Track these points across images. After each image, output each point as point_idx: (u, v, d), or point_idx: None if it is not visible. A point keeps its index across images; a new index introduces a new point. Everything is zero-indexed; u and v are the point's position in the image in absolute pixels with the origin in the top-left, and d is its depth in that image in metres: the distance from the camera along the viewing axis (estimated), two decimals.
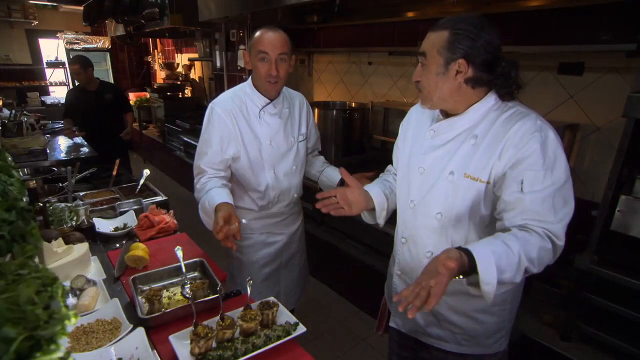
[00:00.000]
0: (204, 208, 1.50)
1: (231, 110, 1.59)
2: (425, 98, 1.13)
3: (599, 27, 1.84)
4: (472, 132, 1.10)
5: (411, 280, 1.27)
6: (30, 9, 5.88)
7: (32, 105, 5.94)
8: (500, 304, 1.21)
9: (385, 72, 3.09)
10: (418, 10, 2.48)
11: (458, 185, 1.10)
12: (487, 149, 1.06)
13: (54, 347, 0.48)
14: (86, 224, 1.70)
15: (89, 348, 1.04)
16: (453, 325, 1.24)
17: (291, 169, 1.73)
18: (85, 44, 6.14)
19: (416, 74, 1.12)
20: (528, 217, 0.99)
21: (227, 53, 3.77)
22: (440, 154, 1.16)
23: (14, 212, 0.70)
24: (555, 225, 0.98)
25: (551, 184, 0.98)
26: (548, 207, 0.98)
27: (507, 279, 0.94)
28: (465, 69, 1.03)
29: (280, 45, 1.49)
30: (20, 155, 2.99)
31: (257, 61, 1.51)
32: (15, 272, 0.57)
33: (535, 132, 1.00)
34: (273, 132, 1.65)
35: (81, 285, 1.28)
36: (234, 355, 1.00)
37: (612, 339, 1.66)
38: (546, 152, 0.99)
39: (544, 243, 0.97)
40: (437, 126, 1.18)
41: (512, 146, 1.01)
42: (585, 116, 2.00)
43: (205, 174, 1.60)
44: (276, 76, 1.52)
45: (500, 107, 1.09)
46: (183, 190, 5.17)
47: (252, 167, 1.64)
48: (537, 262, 0.97)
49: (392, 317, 1.41)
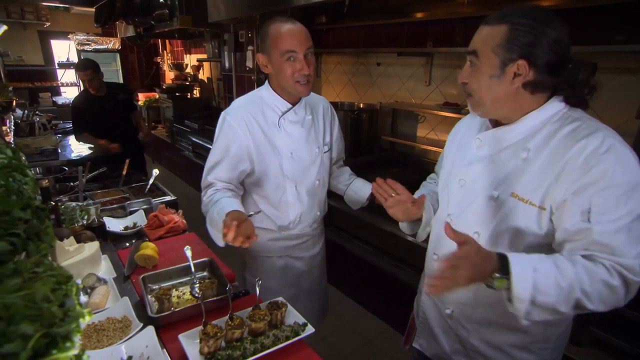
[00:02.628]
0: (212, 220, 1.32)
1: (245, 119, 1.40)
2: (475, 104, 0.99)
3: (612, 27, 1.82)
4: (526, 145, 0.95)
5: (439, 300, 1.17)
6: (43, 10, 5.97)
7: (44, 106, 6.03)
8: (542, 341, 1.06)
9: (393, 72, 3.08)
10: (427, 11, 2.47)
11: (502, 205, 0.97)
12: (542, 168, 0.91)
13: (69, 345, 0.49)
14: (97, 223, 1.72)
15: (100, 346, 1.05)
16: (482, 357, 1.11)
17: (314, 184, 1.53)
18: (95, 45, 6.21)
19: (463, 74, 0.99)
20: (596, 249, 0.84)
21: (235, 54, 3.79)
22: (485, 167, 1.03)
23: (29, 211, 0.71)
24: (631, 260, 0.82)
25: (627, 213, 0.82)
26: (623, 241, 0.82)
27: (548, 304, 0.82)
28: (525, 71, 0.89)
29: (306, 38, 1.32)
30: (32, 155, 3.04)
31: (283, 62, 1.32)
32: (31, 270, 0.58)
33: (605, 152, 0.84)
34: (294, 143, 1.46)
35: (92, 284, 1.30)
36: (243, 355, 1.01)
37: (624, 343, 1.63)
38: (620, 176, 0.82)
39: (609, 278, 0.82)
40: (484, 135, 1.05)
41: (575, 169, 0.85)
42: (598, 117, 1.96)
43: (214, 186, 1.44)
44: (308, 75, 1.34)
45: (562, 117, 0.94)
46: (192, 190, 5.20)
47: (271, 184, 1.46)
48: (595, 298, 0.83)
49: (416, 338, 1.29)
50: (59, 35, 6.45)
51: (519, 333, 1.05)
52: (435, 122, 2.90)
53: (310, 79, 1.36)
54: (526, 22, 0.87)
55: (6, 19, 5.61)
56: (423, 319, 1.26)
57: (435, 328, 1.21)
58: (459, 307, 1.13)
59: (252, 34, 3.42)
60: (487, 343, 1.10)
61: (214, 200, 1.36)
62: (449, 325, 1.17)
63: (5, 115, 3.34)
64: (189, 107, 5.60)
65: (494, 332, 1.08)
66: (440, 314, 1.19)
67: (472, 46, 0.95)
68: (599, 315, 1.69)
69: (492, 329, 1.08)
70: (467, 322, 1.12)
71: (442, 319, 1.19)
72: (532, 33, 0.87)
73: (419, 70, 2.90)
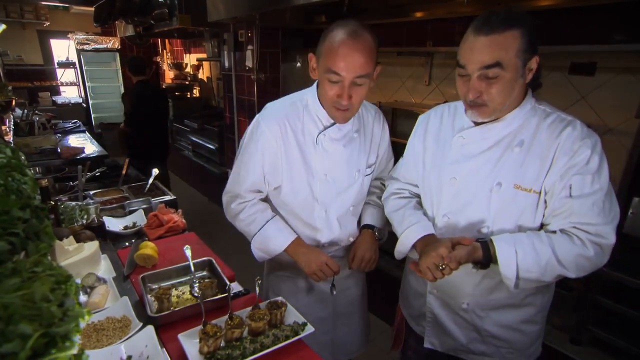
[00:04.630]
0: (264, 246, 1.30)
1: (281, 127, 1.24)
2: (490, 112, 1.02)
3: (612, 26, 1.82)
4: (515, 139, 1.04)
5: (449, 299, 1.20)
6: (42, 10, 5.97)
7: (44, 105, 6.03)
8: (542, 310, 1.18)
9: (393, 72, 3.07)
10: (426, 11, 2.47)
11: (506, 198, 1.04)
12: (538, 158, 1.01)
13: (68, 344, 0.48)
14: (96, 222, 1.72)
15: (99, 345, 1.05)
16: (498, 339, 1.18)
17: (347, 210, 1.35)
18: (95, 44, 6.20)
19: (473, 89, 0.98)
20: (576, 220, 0.98)
21: (235, 53, 3.78)
22: (479, 163, 1.08)
23: (29, 210, 0.71)
24: (604, 226, 0.97)
25: (600, 188, 0.96)
26: (598, 211, 0.96)
27: (532, 278, 0.99)
28: (535, 65, 0.97)
29: (360, 66, 1.09)
30: (32, 154, 3.04)
31: (325, 79, 1.14)
32: (30, 270, 0.57)
33: (585, 138, 0.97)
34: (332, 164, 1.28)
35: (92, 283, 1.30)
36: (243, 354, 1.01)
37: (623, 342, 1.63)
38: (594, 157, 0.96)
39: (584, 251, 0.97)
40: (468, 133, 1.09)
41: (563, 154, 0.98)
42: (597, 117, 1.97)
43: (245, 199, 1.33)
44: (347, 104, 1.15)
45: (539, 111, 1.04)
46: (191, 190, 5.20)
47: (300, 203, 1.32)
48: (573, 268, 0.98)
49: (427, 338, 1.29)
50: (58, 34, 6.45)
51: (528, 307, 1.14)
52: None
53: (350, 108, 1.17)
54: (528, 23, 0.94)
55: (5, 19, 5.61)
56: (432, 319, 1.27)
57: (448, 324, 1.23)
58: (474, 299, 1.16)
59: (251, 33, 3.41)
60: (501, 325, 1.16)
61: (257, 222, 1.31)
62: (464, 318, 1.20)
63: (4, 115, 3.33)
64: (189, 106, 5.60)
65: (506, 312, 1.15)
66: (454, 310, 1.21)
67: (490, 59, 0.94)
68: (598, 315, 1.70)
69: (505, 310, 1.15)
70: (482, 311, 1.17)
71: (456, 314, 1.21)
72: (533, 31, 0.94)
73: (419, 70, 2.90)
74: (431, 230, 1.16)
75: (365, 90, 1.15)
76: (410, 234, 1.17)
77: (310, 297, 1.44)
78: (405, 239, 1.19)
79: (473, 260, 1.03)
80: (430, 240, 1.13)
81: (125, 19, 4.48)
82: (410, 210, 1.23)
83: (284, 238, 1.29)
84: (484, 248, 1.01)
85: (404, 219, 1.21)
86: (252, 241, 1.35)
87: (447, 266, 0.99)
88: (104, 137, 6.13)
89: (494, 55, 0.93)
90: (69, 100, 6.54)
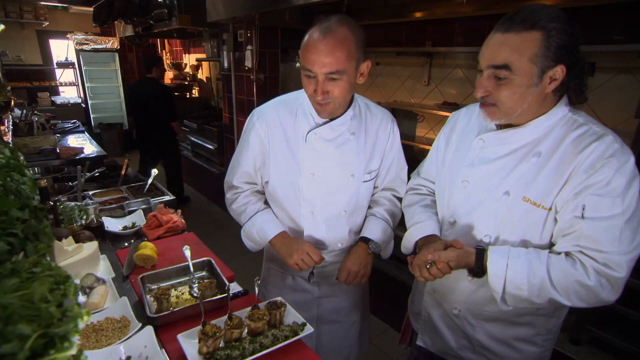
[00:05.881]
0: (251, 237, 1.34)
1: (270, 121, 1.27)
2: (500, 114, 0.96)
3: (611, 27, 1.82)
4: (534, 149, 0.96)
5: (443, 301, 1.19)
6: (42, 10, 5.97)
7: (43, 105, 6.02)
8: (545, 333, 1.11)
9: (393, 72, 3.08)
10: (426, 11, 2.47)
11: (513, 209, 0.98)
12: (553, 173, 0.93)
13: (67, 345, 0.48)
14: (95, 222, 1.72)
15: (98, 346, 1.05)
16: (488, 351, 1.14)
17: (339, 213, 1.31)
18: (94, 44, 6.20)
19: (481, 87, 0.95)
20: (583, 244, 0.89)
21: (234, 53, 3.78)
22: (493, 169, 1.02)
23: (27, 211, 0.71)
24: (617, 256, 0.86)
25: (620, 214, 0.85)
26: (612, 238, 0.86)
27: (521, 296, 0.94)
28: (561, 75, 0.88)
29: (330, 62, 1.08)
30: (31, 155, 3.04)
31: (303, 75, 1.16)
32: (29, 270, 0.57)
33: (611, 156, 0.87)
34: (321, 164, 1.26)
35: (91, 284, 1.29)
36: (242, 354, 1.01)
37: (623, 342, 1.63)
38: (618, 179, 0.86)
39: (584, 278, 0.88)
40: (489, 137, 1.04)
41: (582, 171, 0.88)
42: (597, 117, 1.97)
43: (238, 189, 1.38)
44: (322, 99, 1.15)
45: (569, 121, 0.95)
46: (191, 190, 5.20)
47: (288, 199, 1.31)
48: (571, 296, 0.90)
49: (420, 336, 1.30)
50: (57, 34, 6.45)
51: (525, 327, 1.09)
52: (434, 121, 2.90)
53: (330, 101, 1.16)
54: (559, 26, 0.85)
55: (4, 19, 5.61)
56: (426, 317, 1.27)
57: (440, 326, 1.22)
58: (466, 307, 1.14)
59: (251, 33, 3.41)
60: (493, 337, 1.12)
61: (247, 213, 1.35)
62: (455, 323, 1.18)
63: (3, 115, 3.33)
64: (188, 106, 5.60)
65: (500, 326, 1.11)
66: (446, 313, 1.20)
67: (499, 60, 0.89)
68: (598, 314, 1.70)
69: (498, 323, 1.11)
70: (474, 319, 1.14)
71: (448, 318, 1.20)
72: (566, 36, 0.85)
73: (418, 70, 2.90)
74: (435, 231, 1.16)
75: (343, 85, 1.13)
76: (414, 232, 1.18)
77: (295, 296, 1.44)
78: (409, 236, 1.20)
79: (467, 267, 1.01)
80: (431, 240, 1.13)
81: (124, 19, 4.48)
82: (420, 207, 1.23)
83: (269, 230, 1.30)
84: (478, 256, 0.98)
85: (413, 216, 1.23)
86: (241, 230, 1.39)
87: (433, 265, 0.99)
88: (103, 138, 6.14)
89: (503, 56, 0.89)
90: (68, 100, 6.53)
